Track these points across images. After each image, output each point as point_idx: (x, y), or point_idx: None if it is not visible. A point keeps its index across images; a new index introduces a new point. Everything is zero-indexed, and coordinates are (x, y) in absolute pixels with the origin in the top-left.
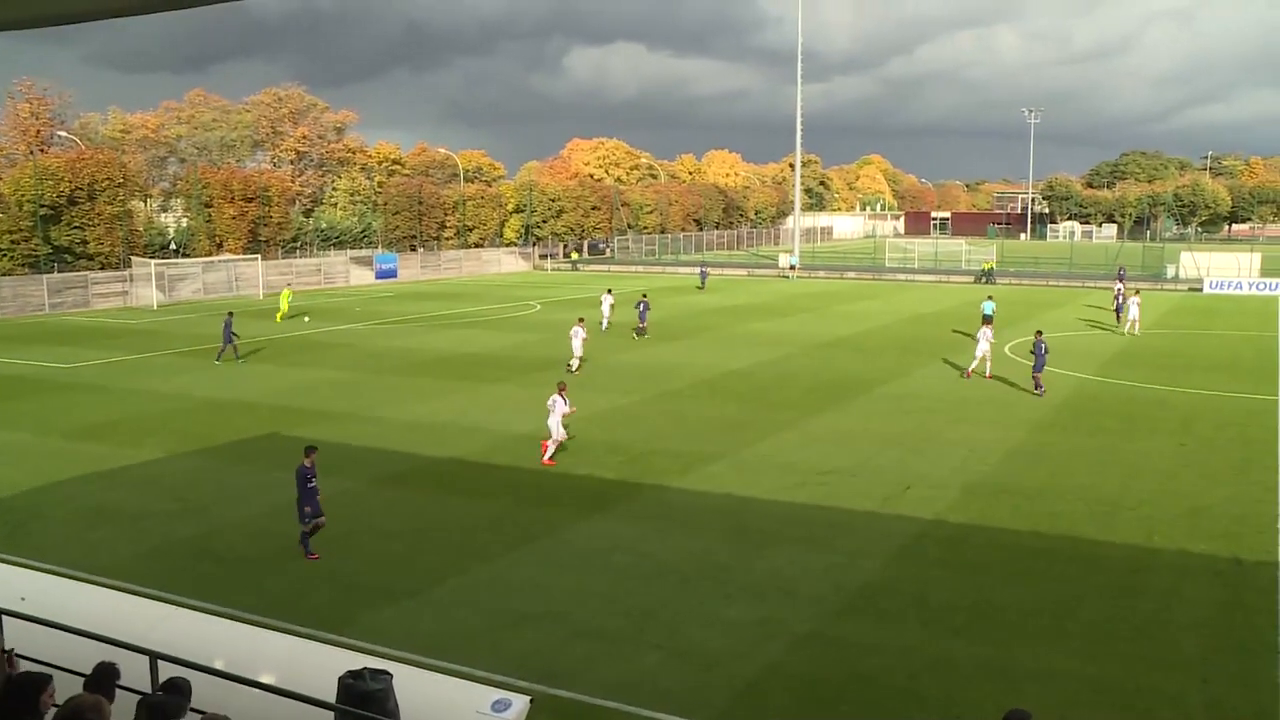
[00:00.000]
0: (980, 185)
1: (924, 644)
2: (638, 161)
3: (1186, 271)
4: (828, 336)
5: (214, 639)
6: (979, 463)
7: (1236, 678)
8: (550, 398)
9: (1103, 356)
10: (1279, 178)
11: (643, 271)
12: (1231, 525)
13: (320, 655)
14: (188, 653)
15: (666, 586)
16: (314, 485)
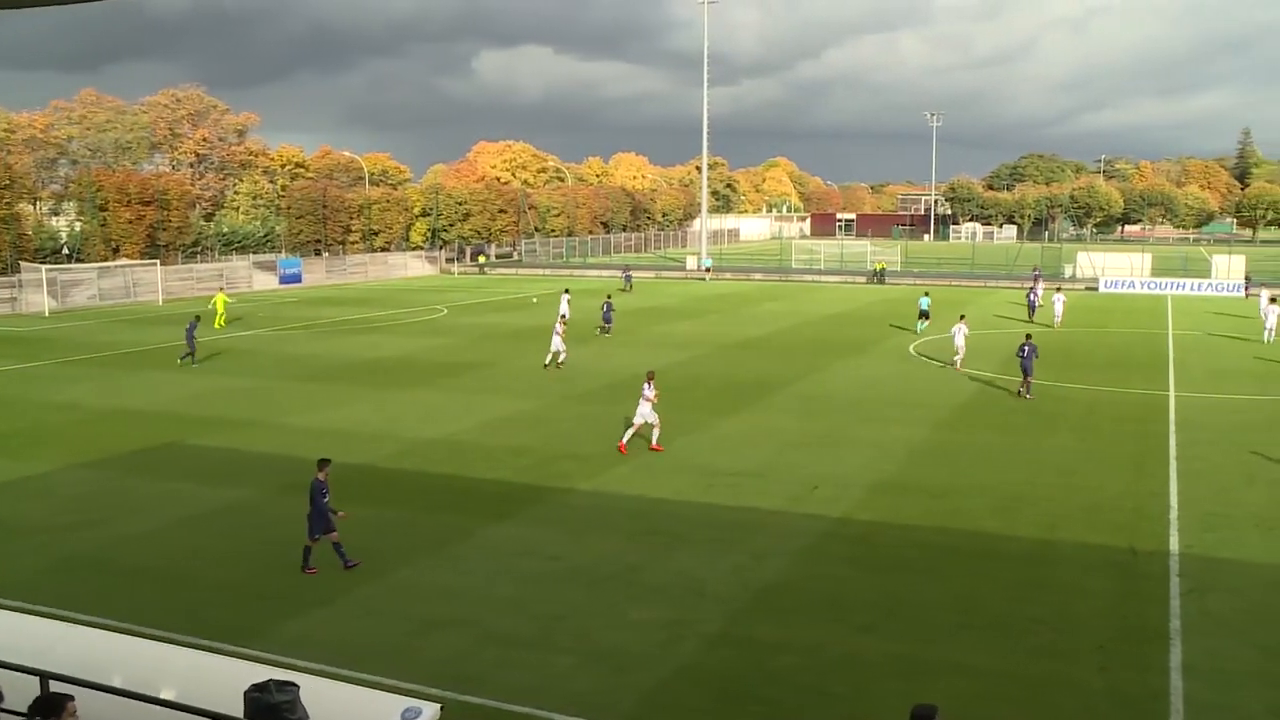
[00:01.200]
0: (885, 187)
1: (832, 641)
2: (545, 164)
3: (1083, 271)
4: (736, 338)
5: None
6: (885, 461)
7: (1133, 663)
8: (641, 386)
9: (1005, 354)
10: (1167, 181)
11: (550, 274)
12: (1128, 517)
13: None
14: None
15: (576, 590)
16: (327, 500)
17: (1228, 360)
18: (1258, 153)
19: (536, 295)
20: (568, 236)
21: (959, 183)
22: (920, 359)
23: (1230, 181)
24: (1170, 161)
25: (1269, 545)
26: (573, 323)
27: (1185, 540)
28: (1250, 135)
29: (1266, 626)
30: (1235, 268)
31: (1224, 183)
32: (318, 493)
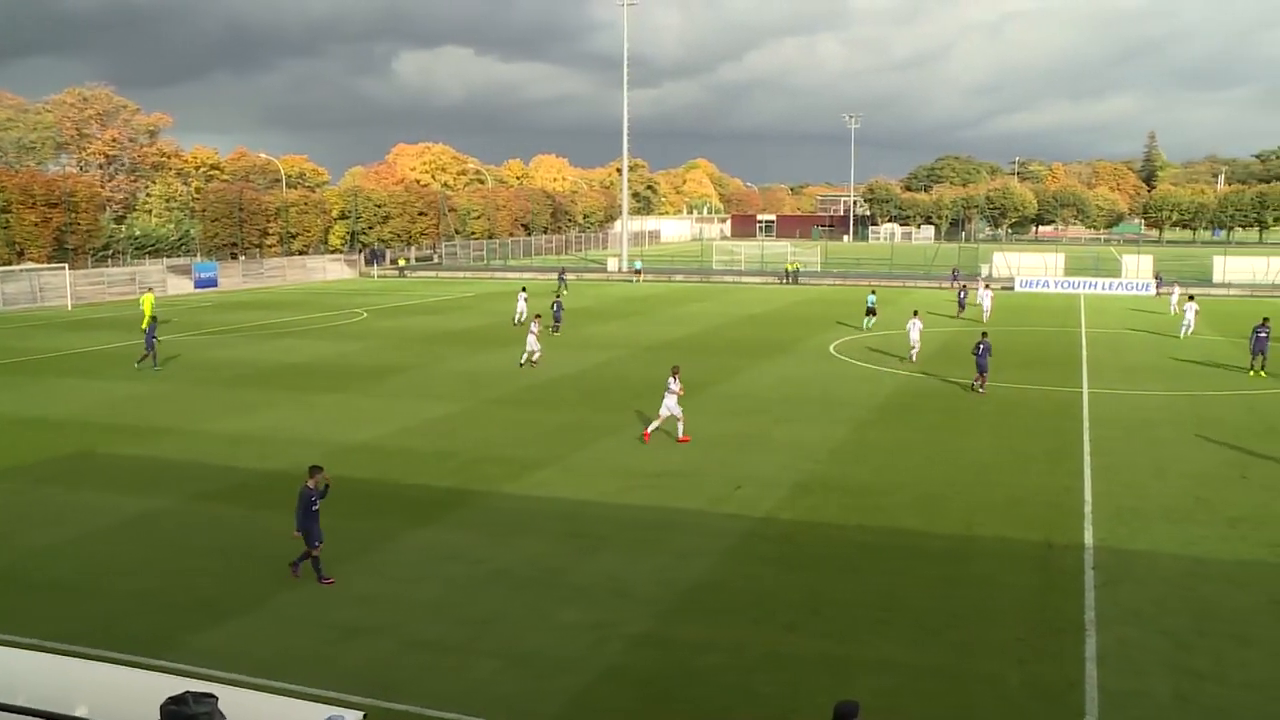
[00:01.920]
0: (804, 188)
1: (757, 640)
2: (465, 167)
3: (999, 271)
4: (658, 339)
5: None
6: (807, 460)
7: (1050, 655)
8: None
9: (924, 353)
10: (1078, 183)
11: (471, 277)
12: (1045, 512)
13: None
14: None
15: (500, 593)
16: (317, 509)
17: (1139, 357)
18: (1163, 156)
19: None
20: (488, 239)
21: (877, 184)
22: (841, 358)
23: (1138, 183)
24: (1081, 164)
25: (1177, 536)
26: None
27: (1099, 534)
28: (1156, 139)
29: (1174, 615)
30: (1144, 267)
31: (1132, 185)
32: (306, 501)
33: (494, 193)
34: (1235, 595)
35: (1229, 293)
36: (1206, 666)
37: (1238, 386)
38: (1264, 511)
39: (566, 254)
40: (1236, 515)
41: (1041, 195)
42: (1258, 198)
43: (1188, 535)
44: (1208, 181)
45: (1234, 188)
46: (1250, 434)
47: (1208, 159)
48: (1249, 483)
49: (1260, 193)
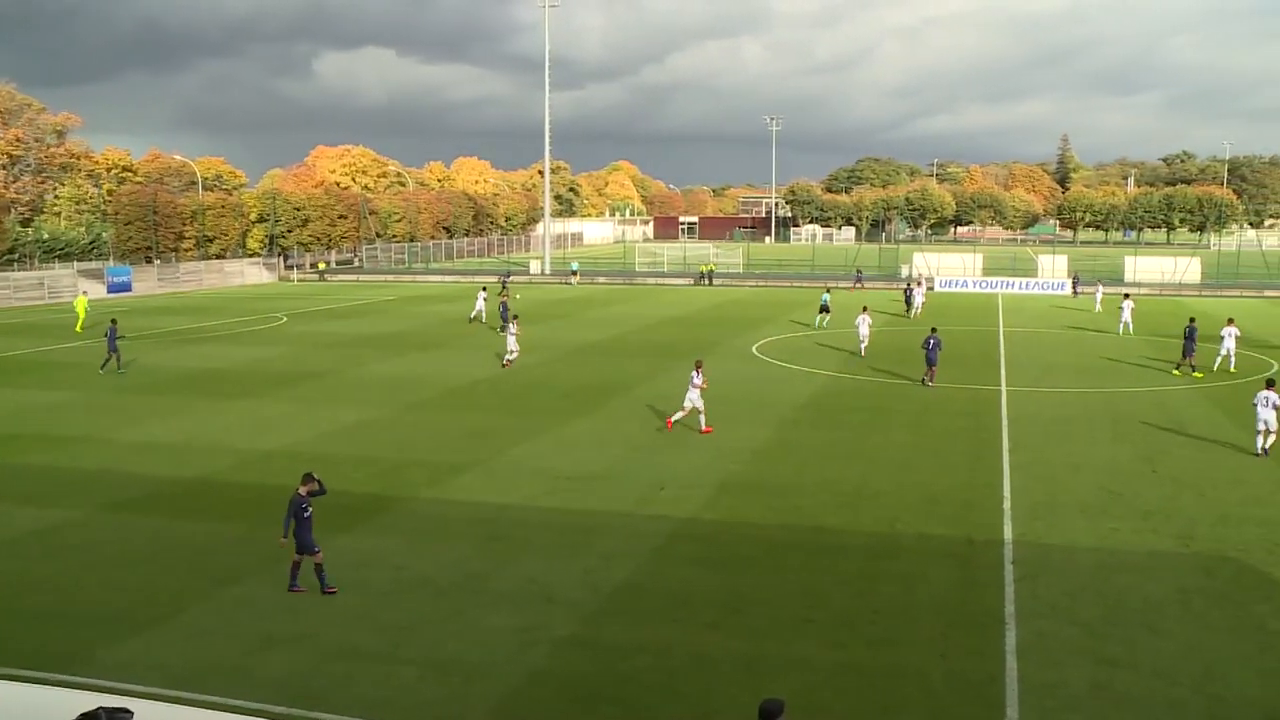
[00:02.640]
0: (726, 190)
1: (681, 642)
2: (385, 169)
3: (919, 271)
4: (580, 341)
5: None
6: (729, 461)
7: (971, 650)
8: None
9: (842, 353)
10: (995, 184)
11: (392, 281)
12: (964, 509)
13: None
14: None
15: (422, 600)
16: (309, 516)
17: (1055, 356)
18: (1076, 158)
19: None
20: (409, 242)
21: (799, 186)
22: (764, 359)
23: (1053, 185)
24: (998, 165)
25: (1093, 530)
26: (405, 332)
27: (1018, 529)
28: (1069, 142)
29: (1090, 606)
30: (1059, 267)
31: (1047, 186)
32: (298, 509)
33: (415, 195)
34: (1146, 586)
35: (1140, 291)
36: (1120, 655)
37: (1150, 383)
38: (1172, 504)
39: (489, 257)
40: (1148, 508)
41: (960, 197)
42: (1165, 200)
43: (1102, 528)
44: (1118, 184)
45: (1143, 190)
46: (1160, 429)
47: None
48: (1159, 476)
49: (1167, 195)
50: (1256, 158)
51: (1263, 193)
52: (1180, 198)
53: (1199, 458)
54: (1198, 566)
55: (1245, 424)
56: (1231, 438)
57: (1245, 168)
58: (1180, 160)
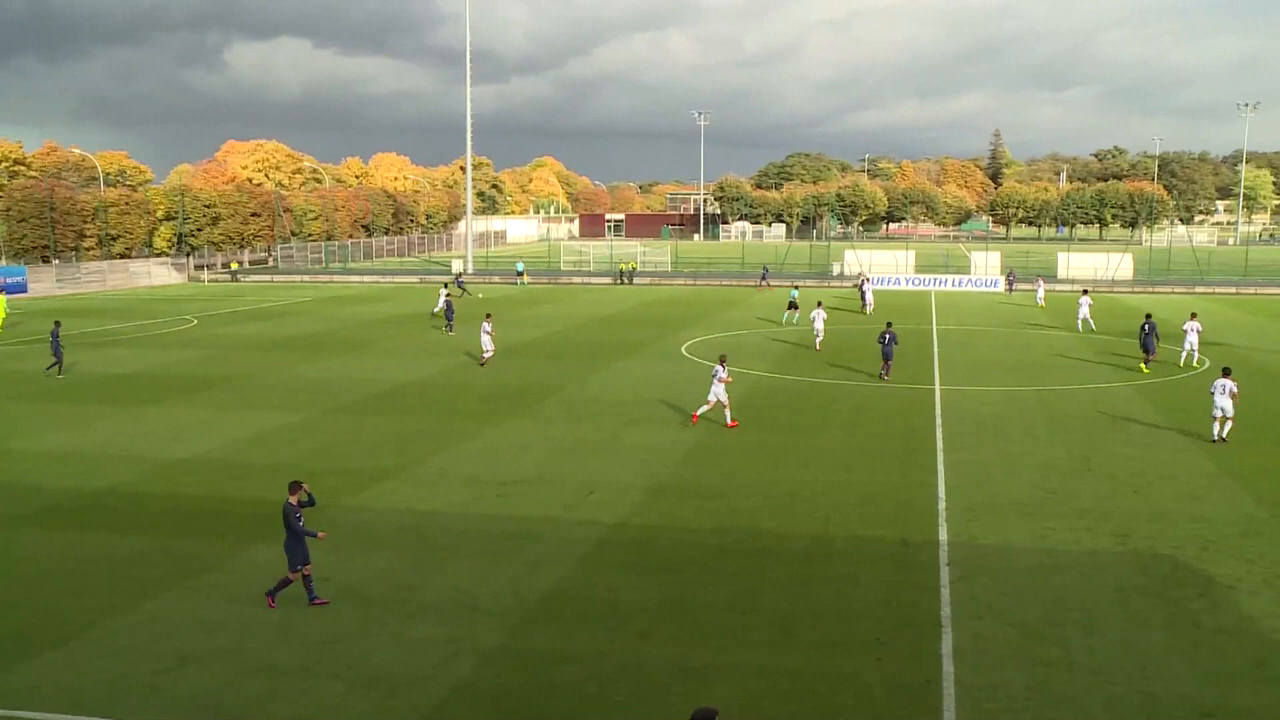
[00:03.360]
0: (654, 187)
1: (612, 649)
2: (301, 165)
3: (850, 269)
4: (506, 343)
5: None
6: (660, 464)
7: (907, 652)
8: (713, 367)
9: (776, 353)
10: (927, 180)
11: (309, 281)
12: (899, 510)
13: None
14: None
15: (345, 611)
16: (302, 523)
17: (989, 353)
18: (1008, 154)
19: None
20: (327, 241)
21: (727, 182)
22: (694, 360)
23: (985, 181)
24: (930, 161)
25: (1028, 529)
26: (323, 334)
27: (953, 530)
28: (1000, 137)
29: (1026, 607)
30: (992, 264)
31: (979, 182)
32: (292, 518)
33: (332, 192)
34: (1082, 585)
35: (1073, 288)
36: (1057, 656)
37: (1086, 381)
38: (1109, 502)
39: (409, 256)
40: (1084, 507)
41: (891, 193)
42: (1097, 196)
43: (1038, 528)
44: (1050, 179)
45: (1075, 186)
46: (1094, 426)
47: (1050, 157)
48: (1095, 474)
49: (1099, 191)
50: (1186, 154)
51: (1192, 189)
52: (1112, 194)
53: (1135, 455)
54: (1134, 564)
55: (1181, 420)
56: (1167, 434)
57: (1175, 163)
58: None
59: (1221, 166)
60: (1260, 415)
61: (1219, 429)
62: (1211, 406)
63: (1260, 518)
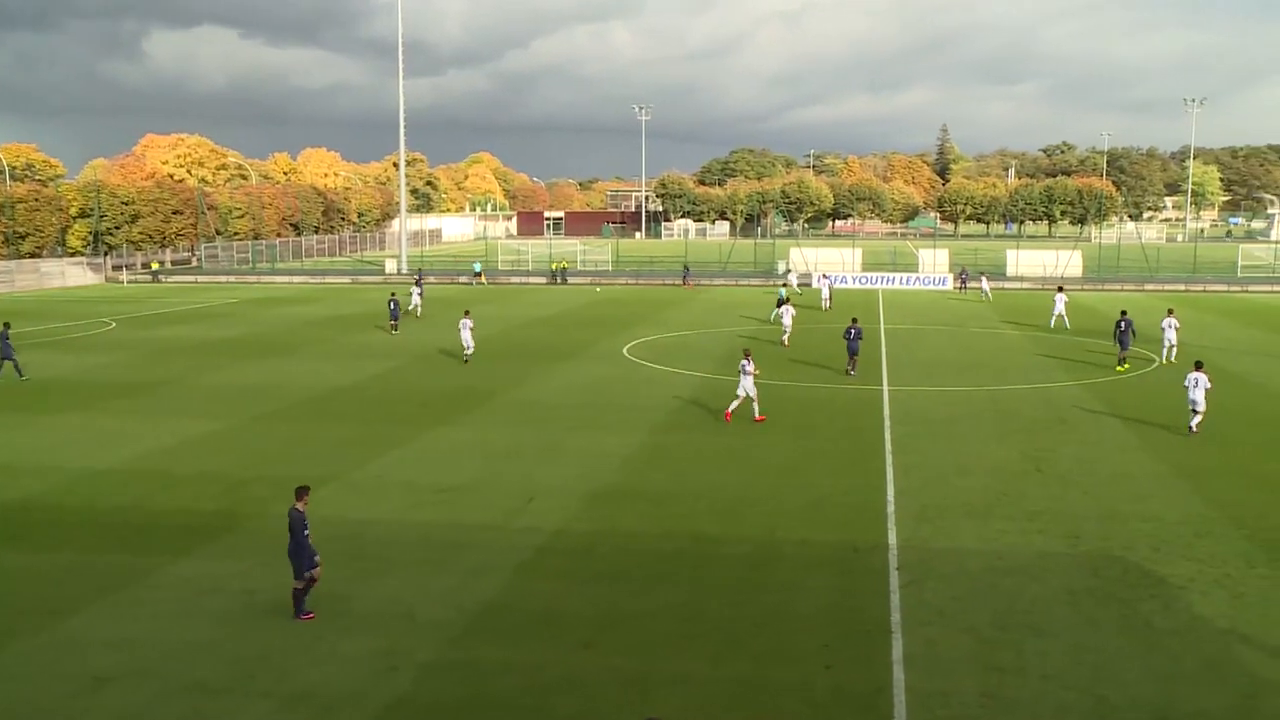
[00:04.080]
0: (594, 183)
1: (554, 660)
2: (225, 161)
3: (796, 267)
4: (442, 345)
5: None
6: (602, 469)
7: (856, 661)
8: (740, 362)
9: (718, 354)
10: (874, 176)
11: (235, 281)
12: (848, 514)
13: None
14: None
15: (276, 626)
16: (308, 533)
17: (936, 353)
18: (956, 149)
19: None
20: (253, 240)
21: (670, 178)
22: (636, 361)
23: (932, 177)
24: (877, 156)
25: (979, 532)
26: (248, 338)
27: (903, 533)
28: (948, 132)
29: (978, 611)
30: (940, 261)
31: (927, 178)
32: (300, 526)
33: (259, 189)
34: (1033, 588)
35: (1022, 285)
36: (1008, 661)
37: (1036, 380)
38: (1059, 504)
39: (340, 255)
40: (1035, 508)
41: (838, 189)
42: (1045, 192)
43: (989, 531)
44: (999, 175)
45: (1023, 182)
46: (1044, 427)
47: (998, 153)
48: (1044, 475)
49: (1048, 187)
50: (1134, 149)
51: (1141, 185)
52: (1060, 190)
53: (1086, 455)
54: (1085, 566)
55: (1132, 419)
56: (1118, 434)
57: (1124, 159)
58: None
59: (1170, 162)
60: (1211, 414)
61: (1197, 419)
62: (1187, 400)
63: (1211, 517)
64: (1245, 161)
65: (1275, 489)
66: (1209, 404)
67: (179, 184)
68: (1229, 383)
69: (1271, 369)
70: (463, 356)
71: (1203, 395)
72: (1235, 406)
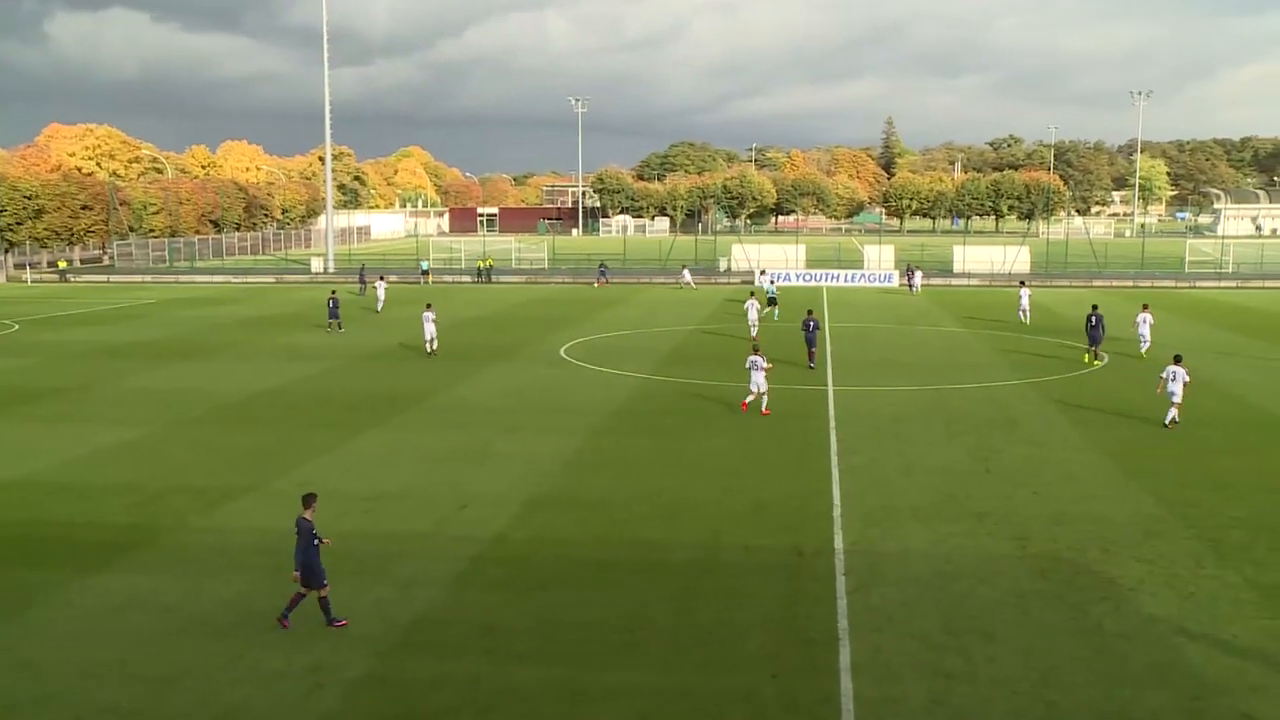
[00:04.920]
0: (529, 179)
1: (490, 673)
2: (138, 153)
3: (738, 264)
4: (370, 347)
5: None
6: (539, 474)
7: (803, 669)
8: (748, 359)
9: (659, 354)
10: (818, 170)
11: (151, 281)
12: (792, 517)
13: None
14: None
15: (195, 643)
16: (319, 543)
17: (882, 352)
18: (901, 142)
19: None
20: (170, 237)
21: (607, 173)
22: (573, 362)
23: (878, 171)
24: (820, 150)
25: (926, 535)
26: (166, 340)
27: (850, 537)
28: (894, 125)
29: (926, 616)
30: (886, 257)
31: (872, 172)
32: (309, 534)
33: (175, 184)
34: (982, 591)
35: (969, 282)
36: (957, 667)
37: (983, 379)
38: (1008, 505)
39: (264, 254)
40: (983, 510)
41: (780, 184)
42: (993, 186)
43: (937, 533)
44: (945, 169)
45: (970, 176)
46: (993, 426)
47: (944, 146)
48: (993, 476)
49: (995, 182)
50: (1082, 143)
51: (1089, 179)
52: (1008, 184)
53: (1034, 455)
54: (1034, 569)
55: (1079, 419)
56: (1066, 433)
57: (1071, 153)
58: (1007, 145)
59: (1117, 156)
60: (1157, 414)
61: (1174, 413)
62: (1166, 392)
63: (1160, 517)
64: (1192, 156)
65: (1224, 487)
66: (1142, 406)
67: (88, 177)
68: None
69: (1219, 366)
70: (426, 349)
71: (1180, 388)
72: (1184, 404)
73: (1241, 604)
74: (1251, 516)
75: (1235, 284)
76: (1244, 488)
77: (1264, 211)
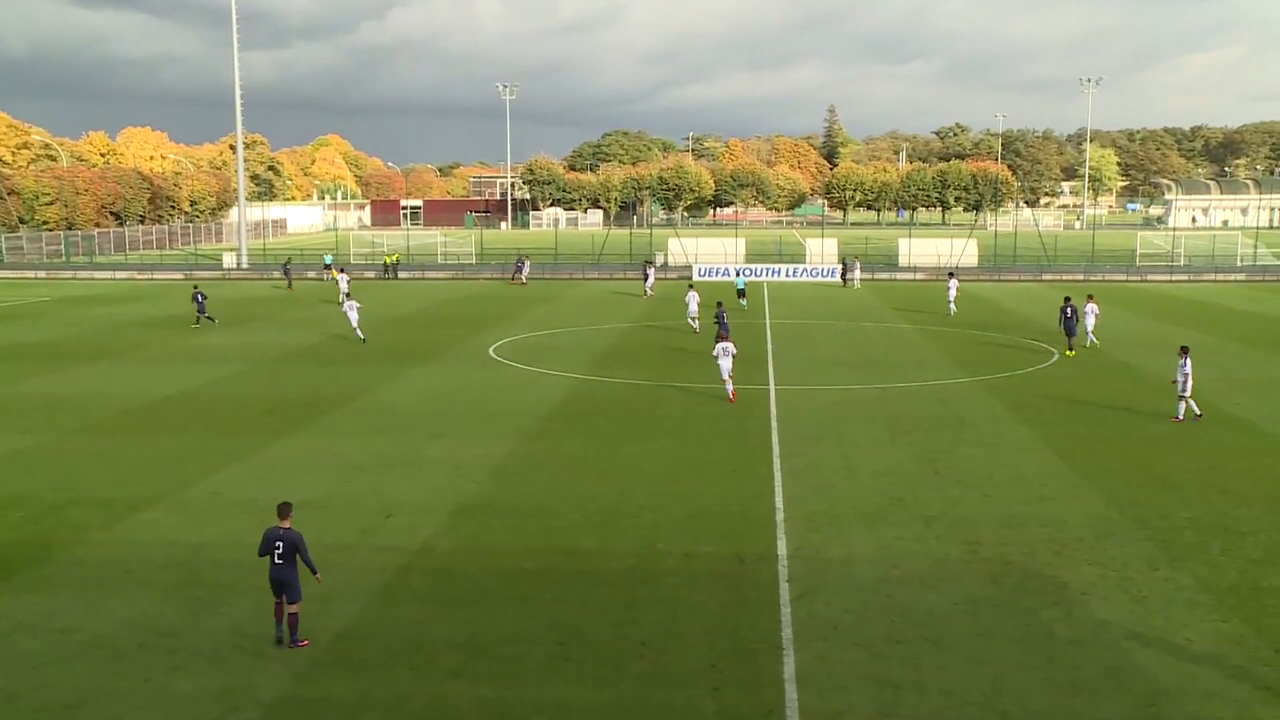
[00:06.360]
0: (455, 169)
1: (417, 691)
2: (27, 139)
3: (676, 259)
4: (285, 348)
5: None
6: (467, 480)
7: (745, 681)
8: (716, 346)
9: (593, 353)
10: (758, 160)
11: (46, 277)
12: (733, 524)
13: None
14: None
15: (96, 667)
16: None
17: (825, 349)
18: (844, 131)
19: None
20: (67, 230)
21: (538, 163)
22: (503, 362)
23: (820, 161)
24: (760, 139)
25: (873, 539)
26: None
27: (793, 543)
28: (836, 114)
29: (872, 624)
30: (829, 251)
31: (814, 162)
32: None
33: (71, 173)
34: (929, 597)
35: (915, 276)
36: (905, 676)
37: (928, 378)
38: (956, 508)
39: (171, 249)
40: (931, 513)
41: (719, 174)
42: (939, 176)
43: (883, 537)
44: (889, 159)
45: (915, 166)
46: (941, 426)
47: (889, 135)
48: (941, 478)
49: (941, 172)
50: (1030, 131)
51: (1037, 169)
52: (954, 174)
53: (983, 456)
54: (984, 573)
55: (1029, 418)
56: (1016, 433)
57: (1019, 142)
58: (954, 134)
59: (1066, 145)
60: (1112, 410)
61: (1192, 406)
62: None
63: (1113, 519)
64: (1143, 145)
65: (1176, 487)
66: (1092, 403)
67: None
68: (1127, 376)
69: (1171, 362)
70: (357, 337)
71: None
72: (1135, 402)
73: (1195, 607)
74: (1202, 516)
75: (1187, 278)
76: (1194, 487)
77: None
